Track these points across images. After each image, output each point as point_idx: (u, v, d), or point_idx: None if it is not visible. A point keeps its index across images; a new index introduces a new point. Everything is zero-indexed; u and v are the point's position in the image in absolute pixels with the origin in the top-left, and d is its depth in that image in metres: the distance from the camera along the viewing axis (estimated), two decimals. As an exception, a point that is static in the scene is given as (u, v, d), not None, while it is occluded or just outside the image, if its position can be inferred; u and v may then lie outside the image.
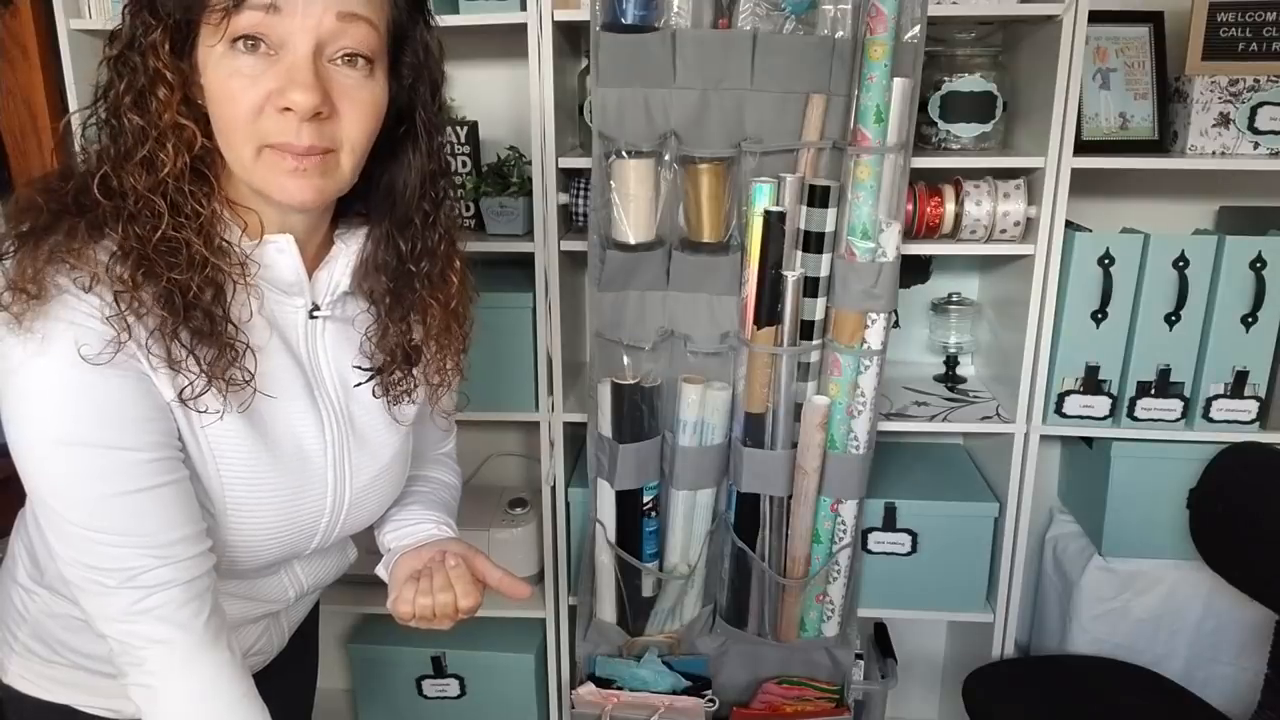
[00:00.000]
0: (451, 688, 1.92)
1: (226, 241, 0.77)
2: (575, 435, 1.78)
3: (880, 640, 1.91)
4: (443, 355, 0.95)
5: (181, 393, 0.75)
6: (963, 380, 1.83)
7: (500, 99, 1.79)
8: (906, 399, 1.74)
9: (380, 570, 1.01)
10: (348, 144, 0.77)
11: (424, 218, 0.88)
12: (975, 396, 1.75)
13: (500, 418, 1.76)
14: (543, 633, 1.85)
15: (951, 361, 1.83)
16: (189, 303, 0.74)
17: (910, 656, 2.04)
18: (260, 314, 0.82)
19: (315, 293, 0.87)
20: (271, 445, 0.83)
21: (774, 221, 1.45)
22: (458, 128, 1.67)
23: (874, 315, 1.49)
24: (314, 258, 0.87)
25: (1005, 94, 1.59)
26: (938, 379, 1.84)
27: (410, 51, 0.83)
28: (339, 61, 0.75)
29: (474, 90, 1.78)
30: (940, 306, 1.84)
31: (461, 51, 1.75)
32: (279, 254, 0.82)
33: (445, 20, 1.52)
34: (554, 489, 1.74)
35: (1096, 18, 1.48)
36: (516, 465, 2.06)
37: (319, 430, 0.87)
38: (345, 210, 0.89)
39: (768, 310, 1.49)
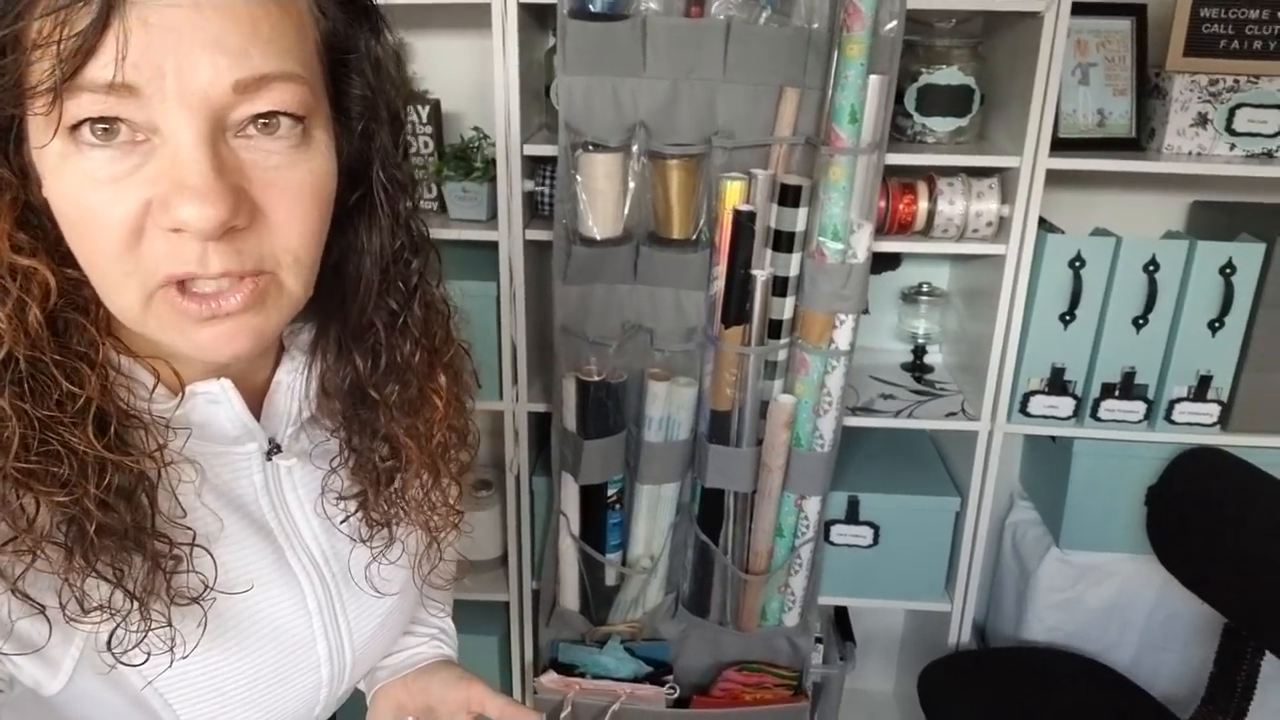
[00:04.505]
0: (415, 666, 1.92)
1: (134, 415, 0.54)
2: (542, 420, 1.75)
3: (840, 622, 1.94)
4: (428, 493, 0.72)
5: (110, 642, 0.54)
6: (930, 370, 1.82)
7: (463, 71, 1.72)
8: (873, 390, 1.73)
9: (361, 684, 0.85)
10: (288, 256, 0.52)
11: (390, 320, 0.64)
12: (941, 389, 1.75)
13: (463, 405, 1.73)
14: (506, 616, 1.85)
15: (919, 351, 1.82)
16: (91, 529, 0.51)
17: (868, 632, 2.08)
18: (203, 499, 0.60)
19: (271, 426, 0.65)
20: (234, 640, 0.62)
21: (744, 222, 1.42)
22: (419, 106, 1.61)
23: (843, 316, 1.47)
24: (265, 380, 0.65)
25: (983, 86, 1.55)
26: (905, 368, 1.84)
27: (357, 79, 0.56)
28: (251, 131, 0.49)
29: (435, 63, 1.71)
30: (910, 296, 1.82)
31: (421, 20, 1.68)
32: (212, 405, 0.59)
33: (406, -1, 1.46)
34: (518, 478, 1.72)
35: (1079, 9, 1.44)
36: (482, 442, 2.04)
37: (299, 601, 0.66)
38: None
39: (736, 309, 1.46)
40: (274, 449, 0.65)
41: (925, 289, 1.81)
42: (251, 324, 0.52)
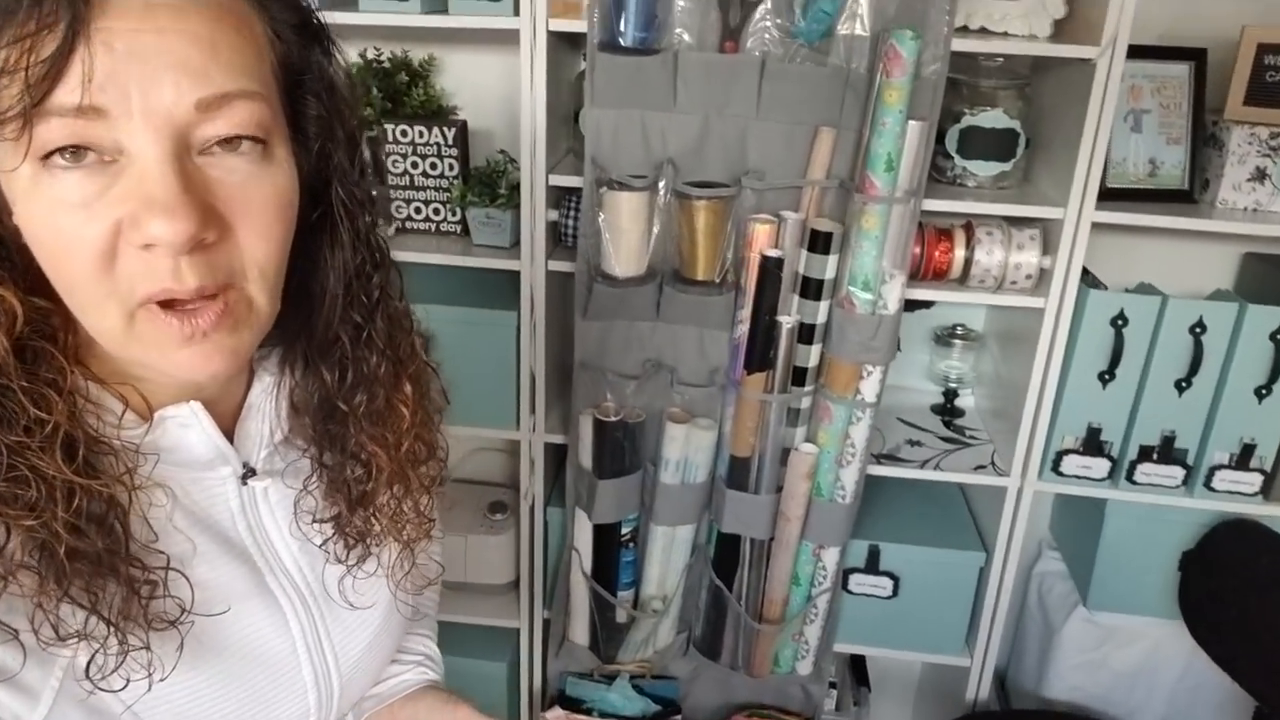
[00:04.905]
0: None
1: (103, 440, 0.55)
2: (559, 451, 1.72)
3: (856, 666, 1.89)
4: (400, 503, 0.72)
5: (89, 669, 0.54)
6: (961, 414, 1.76)
7: (491, 86, 1.68)
8: (900, 435, 1.68)
9: (349, 716, 0.83)
10: (255, 270, 0.54)
11: (354, 333, 0.65)
12: (972, 437, 1.69)
13: (481, 434, 1.71)
14: (517, 642, 1.83)
15: (950, 395, 1.76)
16: (61, 553, 0.51)
17: (884, 674, 2.03)
18: (175, 523, 0.60)
19: (245, 450, 0.65)
20: (215, 663, 0.61)
21: (771, 268, 1.37)
22: (444, 128, 1.57)
23: (870, 367, 1.42)
24: (238, 404, 0.66)
25: (1029, 129, 1.48)
26: (935, 410, 1.78)
27: (313, 99, 0.58)
28: (215, 150, 0.51)
29: (463, 78, 1.68)
30: (943, 337, 1.76)
31: (450, 37, 1.65)
32: (183, 429, 0.60)
33: (432, 21, 1.43)
34: (532, 508, 1.70)
35: (1134, 53, 1.36)
36: (499, 460, 2.01)
37: (281, 625, 0.66)
38: None
39: (760, 355, 1.42)
40: (249, 473, 0.65)
41: (960, 330, 1.75)
42: (226, 344, 0.54)
